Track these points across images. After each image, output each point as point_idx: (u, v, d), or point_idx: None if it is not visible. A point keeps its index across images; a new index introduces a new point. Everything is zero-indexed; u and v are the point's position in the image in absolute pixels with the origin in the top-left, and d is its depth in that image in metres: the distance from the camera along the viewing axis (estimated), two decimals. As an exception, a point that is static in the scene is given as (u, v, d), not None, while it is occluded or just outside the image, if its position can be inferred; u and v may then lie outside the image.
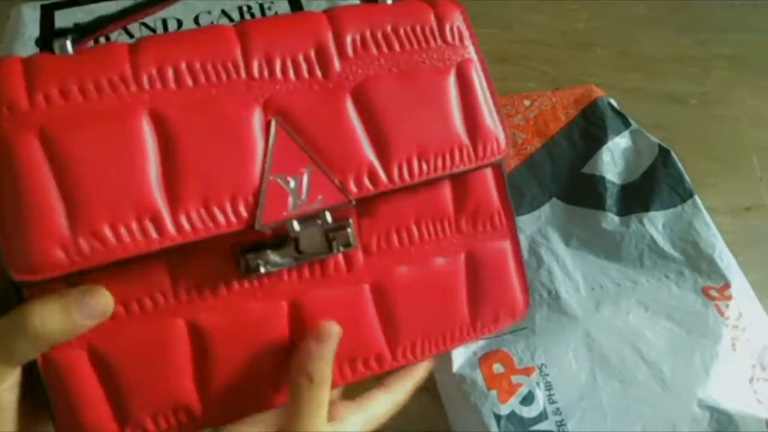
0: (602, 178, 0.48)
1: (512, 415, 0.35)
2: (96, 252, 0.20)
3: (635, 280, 0.42)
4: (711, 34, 0.70)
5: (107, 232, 0.20)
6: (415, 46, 0.26)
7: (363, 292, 0.26)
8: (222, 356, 0.24)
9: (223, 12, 0.49)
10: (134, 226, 0.21)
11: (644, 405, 0.36)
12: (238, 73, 0.23)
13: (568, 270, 0.43)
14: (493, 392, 0.36)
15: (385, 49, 0.26)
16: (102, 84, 0.22)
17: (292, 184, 0.23)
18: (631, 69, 0.65)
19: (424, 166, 0.25)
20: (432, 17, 0.27)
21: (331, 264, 0.25)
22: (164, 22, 0.48)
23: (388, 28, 0.26)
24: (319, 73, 0.24)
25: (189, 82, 0.22)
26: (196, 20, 0.48)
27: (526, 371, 0.37)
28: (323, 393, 0.23)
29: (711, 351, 0.38)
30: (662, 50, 0.68)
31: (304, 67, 0.24)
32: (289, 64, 0.24)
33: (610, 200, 0.46)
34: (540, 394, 0.36)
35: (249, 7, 0.49)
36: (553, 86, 0.57)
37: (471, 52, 0.28)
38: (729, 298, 0.41)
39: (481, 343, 0.38)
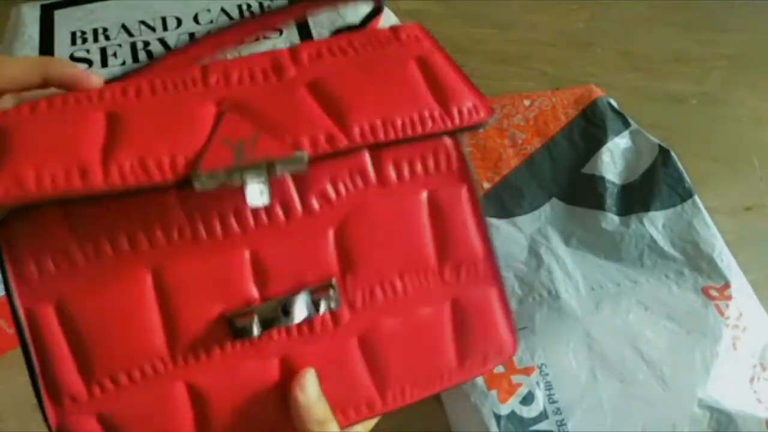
0: (602, 179, 0.48)
1: (512, 415, 0.35)
2: (10, 193, 0.21)
3: (635, 280, 0.42)
4: (711, 34, 0.70)
5: (29, 176, 0.21)
6: (370, 49, 0.27)
7: (350, 345, 0.26)
8: (221, 412, 0.25)
9: (223, 10, 0.49)
10: (59, 174, 0.22)
11: (644, 405, 0.36)
12: (195, 84, 0.25)
13: (568, 270, 0.43)
14: (493, 392, 0.36)
15: (340, 55, 0.27)
16: (69, 100, 0.24)
17: (237, 143, 0.23)
18: (632, 69, 0.65)
19: (390, 128, 0.25)
20: (388, 32, 0.28)
21: (318, 321, 0.26)
22: (164, 20, 0.48)
23: (344, 43, 0.27)
24: (273, 77, 0.26)
25: (149, 92, 0.24)
26: (195, 18, 0.48)
27: (526, 371, 0.37)
28: (332, 427, 0.25)
29: (711, 351, 0.38)
30: (662, 50, 0.68)
31: (259, 75, 0.25)
32: (245, 75, 0.25)
33: (610, 200, 0.47)
34: (540, 394, 0.36)
35: (249, 6, 0.49)
36: (553, 86, 0.57)
37: (432, 47, 0.28)
38: (729, 297, 0.41)
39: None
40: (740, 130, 0.59)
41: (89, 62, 0.45)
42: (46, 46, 0.46)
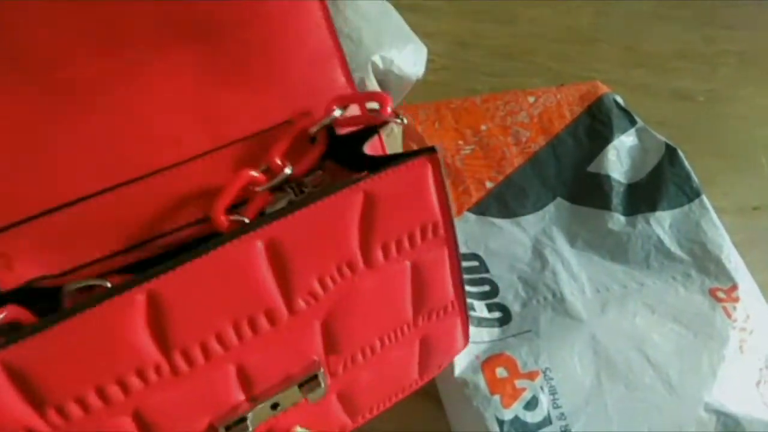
0: (608, 177, 0.47)
1: (516, 420, 0.34)
2: None
3: (642, 282, 0.41)
4: (717, 30, 0.69)
5: None
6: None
7: (330, 400, 0.27)
8: None
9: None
10: None
11: (650, 409, 0.36)
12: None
13: (574, 271, 0.42)
14: (496, 397, 0.35)
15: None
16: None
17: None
18: (637, 65, 0.65)
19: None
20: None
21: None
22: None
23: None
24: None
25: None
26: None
27: (530, 375, 0.36)
28: None
29: (718, 354, 0.38)
30: (668, 46, 0.67)
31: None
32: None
33: (616, 200, 0.46)
34: (544, 399, 0.35)
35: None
36: (557, 82, 0.56)
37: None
38: (736, 299, 0.40)
39: (483, 347, 0.38)
40: (748, 128, 0.59)
41: None
42: None
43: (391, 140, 0.32)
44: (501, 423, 0.34)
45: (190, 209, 0.24)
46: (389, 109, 0.25)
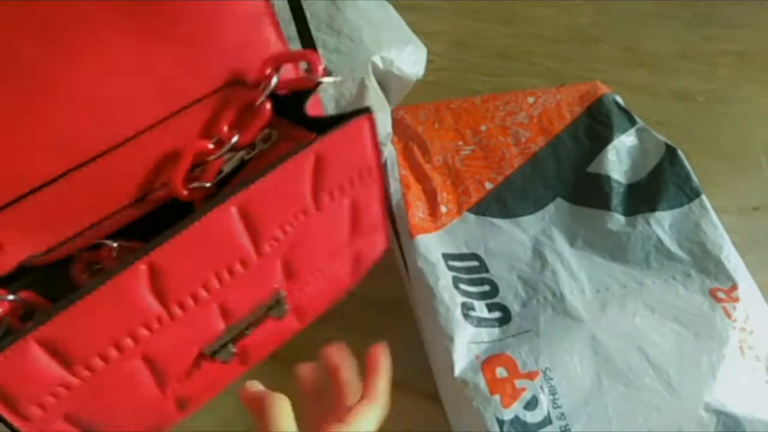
0: (608, 178, 0.47)
1: (516, 420, 0.34)
2: None
3: (642, 282, 0.41)
4: (718, 30, 0.69)
5: None
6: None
7: (288, 317, 0.33)
8: (197, 398, 0.32)
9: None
10: None
11: (650, 409, 0.36)
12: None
13: (573, 271, 0.42)
14: (496, 397, 0.35)
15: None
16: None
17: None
18: (637, 65, 0.65)
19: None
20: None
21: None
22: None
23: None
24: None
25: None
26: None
27: (530, 375, 0.36)
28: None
29: (718, 354, 0.38)
30: (668, 46, 0.67)
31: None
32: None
33: (616, 200, 0.46)
34: (544, 399, 0.35)
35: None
36: (557, 82, 0.56)
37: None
38: (736, 300, 0.40)
39: (483, 347, 0.38)
40: (748, 128, 0.59)
41: None
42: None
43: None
44: (501, 423, 0.34)
45: (157, 175, 0.28)
46: (320, 69, 0.28)
